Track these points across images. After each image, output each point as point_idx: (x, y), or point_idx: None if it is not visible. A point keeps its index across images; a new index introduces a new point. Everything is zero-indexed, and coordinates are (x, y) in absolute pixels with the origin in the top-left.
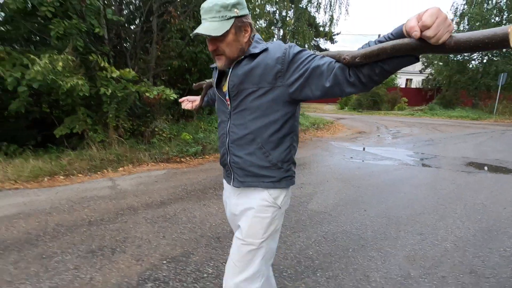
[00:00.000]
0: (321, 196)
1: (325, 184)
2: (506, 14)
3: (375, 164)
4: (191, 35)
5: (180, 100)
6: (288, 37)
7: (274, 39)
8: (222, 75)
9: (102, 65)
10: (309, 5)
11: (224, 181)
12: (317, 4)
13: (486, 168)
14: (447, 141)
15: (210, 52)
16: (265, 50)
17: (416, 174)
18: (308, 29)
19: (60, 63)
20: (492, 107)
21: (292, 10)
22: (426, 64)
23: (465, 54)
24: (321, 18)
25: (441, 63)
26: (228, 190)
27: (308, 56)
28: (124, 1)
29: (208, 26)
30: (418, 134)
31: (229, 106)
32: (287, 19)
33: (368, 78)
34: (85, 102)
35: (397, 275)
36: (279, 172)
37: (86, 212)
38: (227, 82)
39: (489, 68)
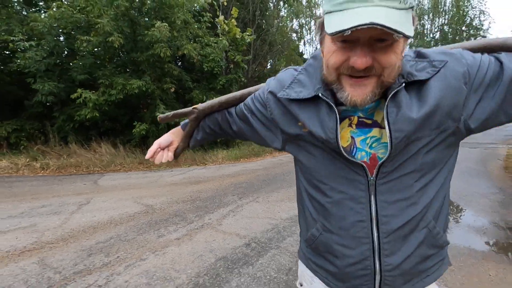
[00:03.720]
0: None
1: None
2: (440, 44)
3: None
4: (349, 27)
5: (147, 156)
6: None
7: None
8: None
9: None
10: None
11: (318, 286)
12: None
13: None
14: None
15: (338, 71)
16: (444, 66)
17: None
18: None
19: None
20: None
21: None
22: None
23: None
24: None
25: None
26: None
27: (482, 59)
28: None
29: (389, 16)
30: None
31: (373, 172)
32: None
33: None
34: None
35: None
36: (444, 250)
37: (284, 169)
38: (389, 134)
39: None
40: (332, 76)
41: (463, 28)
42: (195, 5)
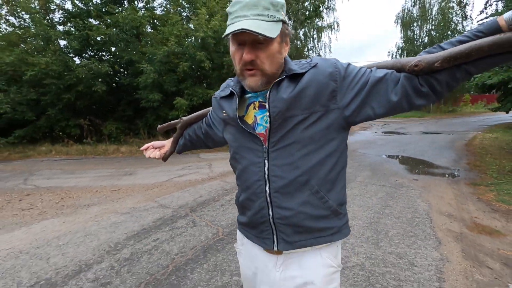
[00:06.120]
0: (380, 144)
1: (379, 141)
2: (428, 47)
3: (387, 135)
4: (230, 32)
5: (142, 148)
6: None
7: None
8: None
9: None
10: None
11: (247, 245)
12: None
13: (432, 133)
14: (410, 127)
15: (240, 66)
16: (314, 66)
17: (403, 136)
18: None
19: None
20: (429, 108)
21: None
22: None
23: None
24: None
25: None
26: (260, 258)
27: (360, 70)
28: None
29: (259, 25)
30: (393, 126)
31: (266, 142)
32: None
33: (445, 85)
34: None
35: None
36: (338, 219)
37: None
38: (267, 110)
39: None
40: (237, 69)
41: (449, 32)
42: None
